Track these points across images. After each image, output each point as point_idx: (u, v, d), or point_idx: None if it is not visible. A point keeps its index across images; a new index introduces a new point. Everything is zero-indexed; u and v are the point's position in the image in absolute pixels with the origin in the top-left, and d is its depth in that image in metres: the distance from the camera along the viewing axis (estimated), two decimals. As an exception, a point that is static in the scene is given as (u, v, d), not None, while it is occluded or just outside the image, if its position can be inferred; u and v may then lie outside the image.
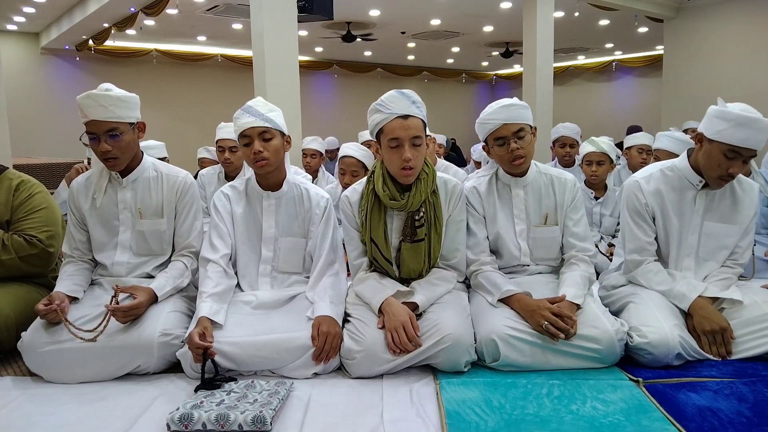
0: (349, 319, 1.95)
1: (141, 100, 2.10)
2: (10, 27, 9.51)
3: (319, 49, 11.69)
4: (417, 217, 2.00)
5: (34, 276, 2.27)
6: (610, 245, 3.13)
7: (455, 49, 11.97)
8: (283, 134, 2.06)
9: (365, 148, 3.26)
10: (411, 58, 13.06)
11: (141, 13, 7.38)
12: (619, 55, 13.07)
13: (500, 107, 2.04)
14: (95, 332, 1.82)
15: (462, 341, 1.78)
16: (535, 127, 2.11)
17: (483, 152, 2.26)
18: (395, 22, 9.18)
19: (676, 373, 1.77)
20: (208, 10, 7.91)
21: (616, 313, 2.03)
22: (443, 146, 5.20)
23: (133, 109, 2.03)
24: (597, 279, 2.36)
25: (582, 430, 1.46)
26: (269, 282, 2.10)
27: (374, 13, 8.49)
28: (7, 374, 1.93)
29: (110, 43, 9.60)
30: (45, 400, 1.72)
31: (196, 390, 1.68)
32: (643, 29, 9.88)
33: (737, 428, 1.45)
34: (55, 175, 5.77)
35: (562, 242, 2.16)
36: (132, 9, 7.39)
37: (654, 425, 1.48)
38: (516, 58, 12.05)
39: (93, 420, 1.59)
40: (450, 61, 13.72)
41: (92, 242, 2.13)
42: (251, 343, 1.80)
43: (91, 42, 9.39)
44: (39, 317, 1.87)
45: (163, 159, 3.66)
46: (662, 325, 1.82)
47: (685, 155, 2.10)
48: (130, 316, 1.86)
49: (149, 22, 8.34)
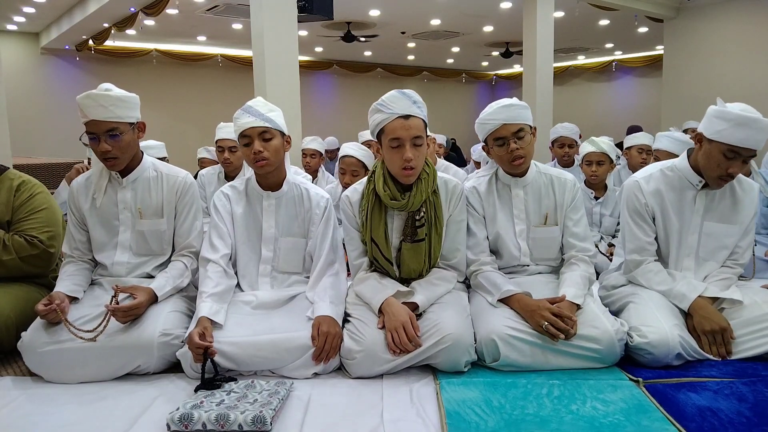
0: (349, 319, 1.95)
1: (141, 100, 2.10)
2: (10, 27, 9.51)
3: (319, 49, 11.69)
4: (417, 217, 2.00)
5: (35, 276, 2.27)
6: (610, 245, 3.13)
7: (455, 49, 11.97)
8: (283, 134, 2.06)
9: (365, 147, 3.27)
10: (411, 58, 13.06)
11: (141, 13, 7.38)
12: (619, 55, 13.07)
13: (500, 107, 2.04)
14: (95, 332, 1.82)
15: (462, 341, 1.78)
16: (535, 127, 2.11)
17: (482, 152, 2.26)
18: (395, 22, 9.18)
19: (676, 373, 1.77)
20: (208, 10, 7.91)
21: (616, 313, 2.03)
22: (443, 146, 5.21)
23: (133, 109, 2.03)
24: (597, 279, 2.36)
25: (582, 430, 1.46)
26: (269, 282, 2.10)
27: (374, 13, 8.49)
28: (7, 374, 1.93)
29: (110, 43, 9.60)
30: (45, 400, 1.72)
31: (196, 390, 1.68)
32: (643, 29, 9.88)
33: (737, 428, 1.45)
34: (55, 175, 5.77)
35: (561, 242, 2.16)
36: (132, 9, 7.39)
37: (654, 425, 1.48)
38: (516, 58, 12.05)
39: (93, 420, 1.59)
40: (450, 61, 13.72)
41: (92, 242, 2.13)
42: (251, 343, 1.80)
43: (91, 42, 9.39)
44: (39, 317, 1.87)
45: (162, 159, 3.66)
46: (662, 325, 1.82)
47: (685, 155, 2.10)
48: (130, 316, 1.87)
49: (149, 22, 8.34)
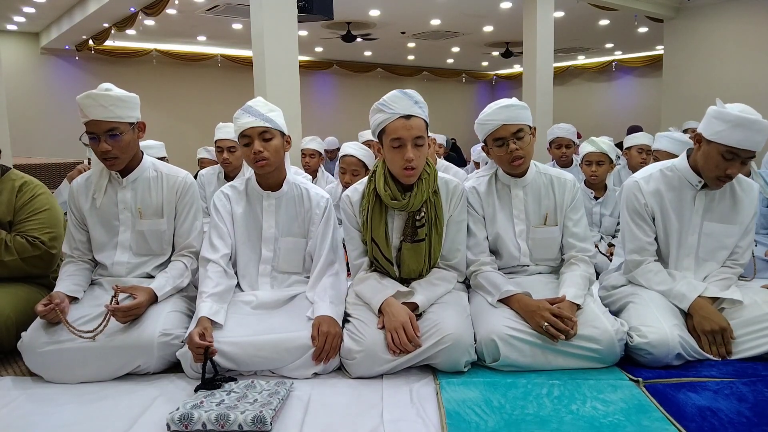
0: (349, 319, 1.95)
1: (141, 100, 2.10)
2: (10, 27, 9.52)
3: (319, 49, 11.69)
4: (418, 217, 2.00)
5: (36, 277, 2.27)
6: (610, 245, 3.13)
7: (455, 49, 11.97)
8: (283, 134, 2.06)
9: (366, 147, 3.27)
10: (411, 58, 13.06)
11: (141, 13, 7.38)
12: (619, 55, 13.07)
13: (499, 108, 2.04)
14: (95, 332, 1.82)
15: (462, 341, 1.78)
16: (535, 127, 2.10)
17: (482, 153, 2.26)
18: (395, 22, 9.18)
19: (676, 373, 1.77)
20: (208, 10, 7.91)
21: (616, 314, 2.03)
22: (443, 146, 5.21)
23: (133, 109, 2.03)
24: (597, 279, 2.36)
25: (582, 430, 1.46)
26: (269, 282, 2.10)
27: (374, 13, 8.49)
28: (7, 374, 1.93)
29: (110, 43, 9.61)
30: (45, 400, 1.72)
31: (196, 390, 1.68)
32: (643, 29, 9.88)
33: (737, 428, 1.45)
34: (55, 175, 5.78)
35: (561, 242, 2.16)
36: (132, 9, 7.40)
37: (654, 425, 1.48)
38: (516, 58, 12.05)
39: (93, 420, 1.59)
40: (450, 61, 13.72)
41: (92, 242, 2.13)
42: (251, 343, 1.80)
43: (91, 42, 9.39)
44: (39, 317, 1.87)
45: (162, 158, 3.66)
46: (662, 325, 1.82)
47: (684, 155, 2.10)
48: (130, 316, 1.87)
49: (149, 22, 8.35)
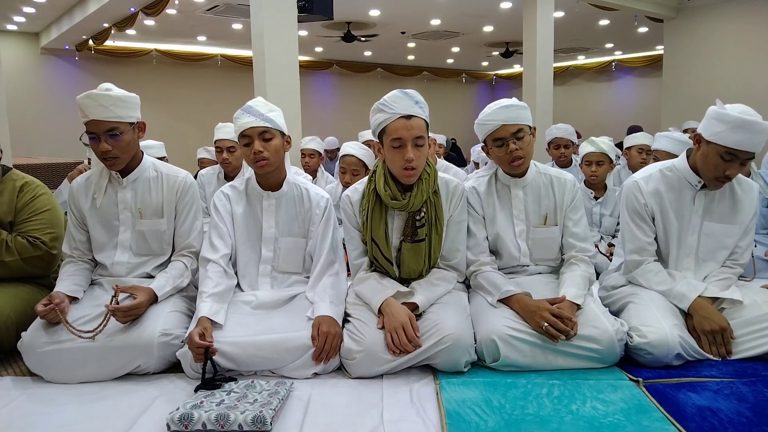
0: (349, 319, 1.95)
1: (141, 100, 2.10)
2: (10, 27, 9.52)
3: (319, 49, 11.69)
4: (418, 217, 2.00)
5: (36, 277, 2.27)
6: (610, 245, 3.13)
7: (455, 49, 11.97)
8: (283, 134, 2.06)
9: (366, 147, 3.27)
10: (411, 58, 13.06)
11: (141, 13, 7.38)
12: (619, 55, 13.07)
13: (499, 108, 2.04)
14: (95, 332, 1.82)
15: (462, 341, 1.78)
16: (534, 127, 2.10)
17: (481, 153, 2.26)
18: (395, 22, 9.18)
19: (676, 373, 1.77)
20: (208, 10, 7.91)
21: (616, 314, 2.03)
22: (443, 146, 5.21)
23: (133, 109, 2.03)
24: (597, 279, 2.36)
25: (582, 430, 1.46)
26: (269, 282, 2.10)
27: (374, 13, 8.49)
28: (7, 374, 1.93)
29: (110, 43, 9.61)
30: (45, 400, 1.72)
31: (196, 390, 1.68)
32: (643, 29, 9.89)
33: (737, 428, 1.45)
34: (55, 175, 5.78)
35: (561, 242, 2.16)
36: (132, 9, 7.40)
37: (654, 425, 1.48)
38: (516, 58, 12.05)
39: (93, 420, 1.59)
40: (450, 61, 13.72)
41: (92, 242, 2.13)
42: (251, 343, 1.79)
43: (91, 42, 9.40)
44: (39, 317, 1.87)
45: (161, 158, 3.66)
46: (662, 325, 1.82)
47: (684, 155, 2.10)
48: (130, 316, 1.86)
49: (149, 22, 8.35)
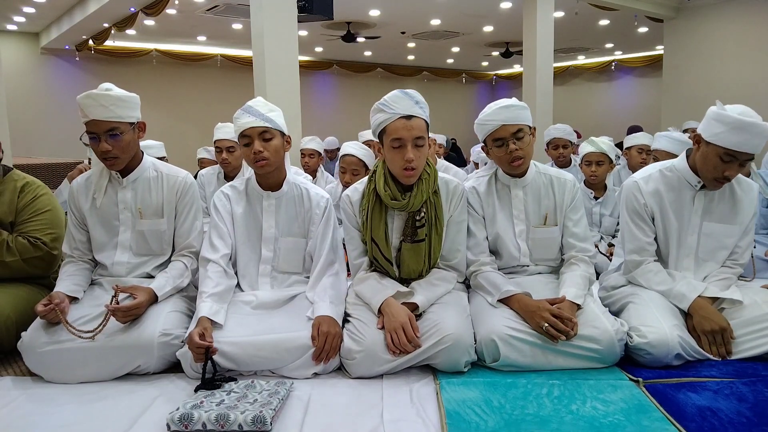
0: (349, 319, 1.95)
1: (141, 100, 2.10)
2: (10, 27, 9.52)
3: (319, 49, 11.69)
4: (418, 217, 2.00)
5: (37, 277, 2.27)
6: (610, 245, 3.13)
7: (455, 49, 11.97)
8: (283, 134, 2.06)
9: (366, 147, 3.27)
10: (411, 58, 13.06)
11: (141, 13, 7.38)
12: (619, 55, 13.07)
13: (499, 108, 2.04)
14: (95, 332, 1.82)
15: (462, 341, 1.78)
16: (534, 127, 2.10)
17: (481, 154, 2.26)
18: (395, 22, 9.18)
19: (676, 373, 1.77)
20: (208, 10, 7.91)
21: (616, 314, 2.03)
22: (443, 146, 5.21)
23: (133, 109, 2.03)
24: (597, 279, 2.36)
25: (582, 430, 1.46)
26: (269, 282, 2.10)
27: (374, 13, 8.49)
28: (7, 374, 1.93)
29: (110, 43, 9.61)
30: (45, 400, 1.72)
31: (196, 390, 1.68)
32: (643, 29, 9.89)
33: (737, 428, 1.45)
34: (55, 175, 5.77)
35: (561, 243, 2.16)
36: (132, 9, 7.40)
37: (654, 425, 1.48)
38: (516, 58, 12.05)
39: (93, 420, 1.59)
40: (450, 61, 13.72)
41: (92, 242, 2.13)
42: (251, 343, 1.80)
43: (91, 42, 9.40)
44: (39, 317, 1.87)
45: (161, 158, 3.66)
46: (662, 326, 1.82)
47: (684, 156, 2.10)
48: (130, 316, 1.87)
49: (149, 22, 8.35)
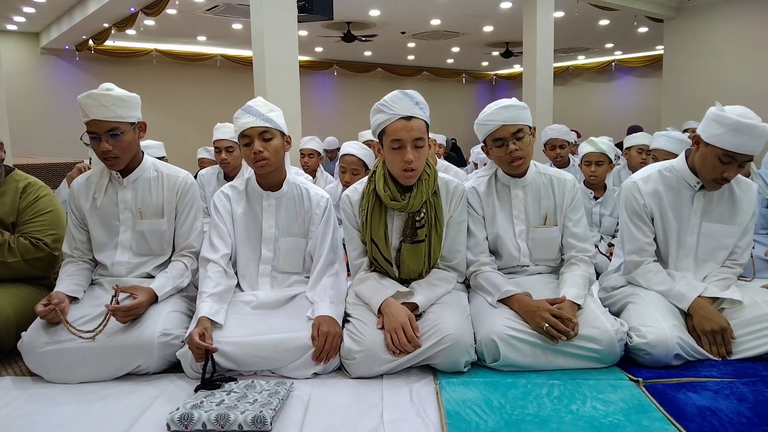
0: (349, 319, 1.95)
1: (141, 100, 2.10)
2: (10, 27, 9.52)
3: (319, 49, 11.69)
4: (418, 218, 2.00)
5: (37, 277, 2.27)
6: (610, 245, 3.13)
7: (455, 49, 11.97)
8: (283, 134, 2.06)
9: (366, 146, 3.27)
10: (411, 58, 13.06)
11: (141, 13, 7.38)
12: (619, 55, 13.07)
13: (499, 108, 2.03)
14: (95, 332, 1.82)
15: (462, 341, 1.78)
16: (534, 127, 2.10)
17: (480, 154, 2.26)
18: (395, 22, 9.18)
19: (676, 373, 1.77)
20: (208, 10, 7.91)
21: (616, 314, 2.03)
22: (443, 146, 5.21)
23: (134, 109, 2.03)
24: (597, 280, 2.36)
25: (582, 430, 1.46)
26: (269, 282, 2.10)
27: (374, 13, 8.49)
28: (7, 374, 1.93)
29: (110, 43, 9.61)
30: (45, 400, 1.72)
31: (196, 390, 1.68)
32: (643, 29, 9.89)
33: (737, 428, 1.45)
34: (55, 175, 5.77)
35: (561, 243, 2.16)
36: (132, 9, 7.40)
37: (654, 425, 1.48)
38: (516, 58, 12.05)
39: (93, 420, 1.59)
40: (450, 61, 13.71)
41: (92, 242, 2.13)
42: (251, 343, 1.80)
43: (91, 42, 9.39)
44: (39, 317, 1.87)
45: (161, 158, 3.66)
46: (661, 326, 1.82)
47: (683, 156, 2.10)
48: (130, 316, 1.87)
49: (149, 22, 8.34)
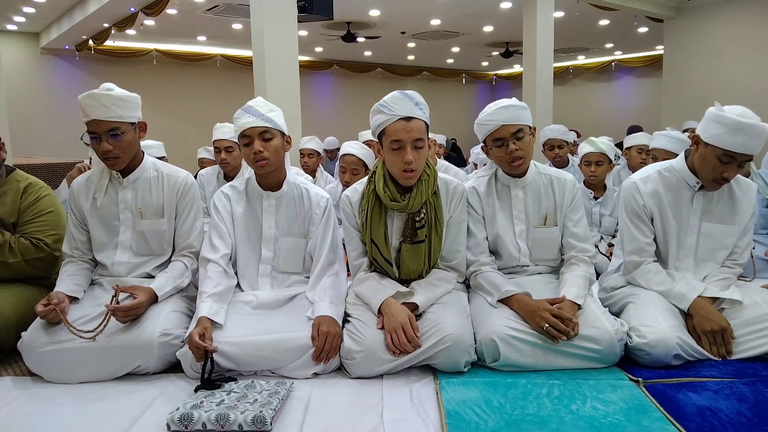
0: (349, 319, 1.95)
1: (141, 100, 2.10)
2: (10, 27, 9.52)
3: (319, 49, 11.69)
4: (417, 218, 2.00)
5: (37, 278, 2.27)
6: (610, 245, 3.13)
7: (455, 49, 11.97)
8: (283, 134, 2.06)
9: (366, 146, 3.27)
10: (411, 58, 13.06)
11: (141, 13, 7.38)
12: (619, 55, 13.07)
13: (499, 108, 2.03)
14: (95, 332, 1.82)
15: (462, 341, 1.78)
16: (534, 127, 2.10)
17: (480, 155, 2.26)
18: (395, 22, 9.18)
19: (676, 373, 1.77)
20: (208, 10, 7.91)
21: (616, 314, 2.03)
22: (443, 147, 5.21)
23: (134, 109, 2.03)
24: (597, 280, 2.36)
25: (582, 430, 1.46)
26: (269, 282, 2.10)
27: (374, 13, 8.49)
28: (7, 374, 1.93)
29: (110, 43, 9.61)
30: (45, 400, 1.72)
31: (196, 390, 1.68)
32: (643, 29, 9.89)
33: (737, 428, 1.45)
34: (55, 175, 5.77)
35: (561, 243, 2.16)
36: (132, 9, 7.40)
37: (654, 425, 1.48)
38: (516, 58, 12.05)
39: (93, 420, 1.59)
40: (450, 61, 13.72)
41: (92, 242, 2.13)
42: (251, 343, 1.80)
43: (91, 42, 9.40)
44: (39, 317, 1.87)
45: (161, 158, 3.66)
46: (661, 326, 1.82)
47: (682, 156, 2.10)
48: (130, 315, 1.87)
49: (149, 22, 8.35)
